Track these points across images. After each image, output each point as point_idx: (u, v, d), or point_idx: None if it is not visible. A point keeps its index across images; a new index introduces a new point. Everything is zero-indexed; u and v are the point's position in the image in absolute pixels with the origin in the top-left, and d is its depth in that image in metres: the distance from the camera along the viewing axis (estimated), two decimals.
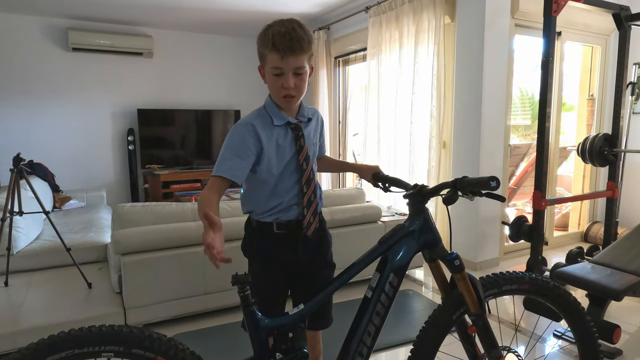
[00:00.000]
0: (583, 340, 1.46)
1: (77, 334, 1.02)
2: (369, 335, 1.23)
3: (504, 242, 3.70)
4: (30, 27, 4.84)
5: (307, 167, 1.37)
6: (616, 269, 2.29)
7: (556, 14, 2.50)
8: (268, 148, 1.31)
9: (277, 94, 1.31)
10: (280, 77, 1.27)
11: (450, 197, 1.20)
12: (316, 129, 1.46)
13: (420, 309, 2.75)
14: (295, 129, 1.36)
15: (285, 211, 1.37)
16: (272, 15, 4.84)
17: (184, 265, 2.52)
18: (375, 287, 1.25)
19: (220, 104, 5.99)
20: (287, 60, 1.24)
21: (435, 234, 1.29)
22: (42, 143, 5.01)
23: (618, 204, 3.13)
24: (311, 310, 1.18)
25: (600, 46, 4.10)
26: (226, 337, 2.41)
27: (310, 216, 1.39)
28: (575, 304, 1.43)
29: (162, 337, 1.10)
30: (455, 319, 1.31)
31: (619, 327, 2.08)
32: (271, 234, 1.38)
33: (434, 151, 3.61)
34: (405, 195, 1.33)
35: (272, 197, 1.37)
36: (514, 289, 1.37)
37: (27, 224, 3.23)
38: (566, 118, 4.57)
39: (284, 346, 1.16)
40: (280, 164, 1.35)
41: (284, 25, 1.26)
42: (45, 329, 2.26)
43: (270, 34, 1.26)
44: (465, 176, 1.20)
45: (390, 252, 1.26)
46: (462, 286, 1.28)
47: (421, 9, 3.61)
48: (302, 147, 1.36)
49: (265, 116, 1.35)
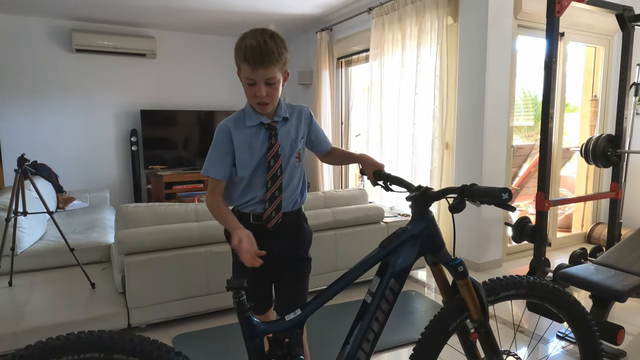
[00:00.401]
0: (584, 341, 1.45)
1: (55, 343, 0.98)
2: (367, 341, 1.20)
3: (507, 243, 3.69)
4: (34, 28, 4.86)
5: (274, 163, 1.43)
6: (620, 270, 2.28)
7: (559, 15, 2.50)
8: (239, 147, 1.42)
9: (251, 101, 1.40)
10: (253, 86, 1.34)
11: (457, 206, 1.15)
12: (298, 126, 1.49)
13: (422, 310, 2.74)
14: (268, 129, 1.43)
15: (259, 204, 1.46)
16: (275, 17, 4.84)
17: (187, 265, 2.53)
18: (375, 292, 1.21)
19: (223, 105, 6.00)
20: (258, 72, 1.31)
21: (438, 238, 1.26)
22: (46, 144, 5.03)
23: (621, 205, 3.12)
24: (308, 315, 1.16)
25: (604, 47, 4.09)
26: (229, 338, 2.41)
27: (272, 211, 1.45)
28: (576, 304, 1.42)
29: (145, 340, 1.07)
30: (457, 325, 1.28)
31: (623, 328, 2.07)
32: (248, 224, 1.44)
33: (436, 152, 3.61)
34: (409, 197, 1.29)
35: (245, 193, 1.46)
36: (512, 295, 1.34)
37: (31, 224, 3.24)
38: (569, 119, 4.56)
39: (280, 352, 1.14)
40: (252, 162, 1.43)
41: (255, 37, 1.30)
42: (49, 329, 2.27)
43: (243, 47, 1.31)
44: (474, 184, 1.15)
45: (391, 256, 1.22)
46: (465, 292, 1.25)
47: (424, 10, 3.61)
48: (273, 146, 1.43)
49: (241, 117, 1.44)
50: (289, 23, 5.18)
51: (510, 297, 1.35)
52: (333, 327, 1.59)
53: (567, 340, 2.31)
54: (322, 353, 2.17)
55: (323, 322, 2.47)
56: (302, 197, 1.54)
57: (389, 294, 1.21)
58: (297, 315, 1.15)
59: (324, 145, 1.60)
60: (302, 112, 1.52)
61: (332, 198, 3.09)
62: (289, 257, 1.53)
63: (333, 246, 2.96)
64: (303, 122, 1.51)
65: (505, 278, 1.35)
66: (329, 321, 2.53)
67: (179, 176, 5.38)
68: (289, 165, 1.47)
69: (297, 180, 1.51)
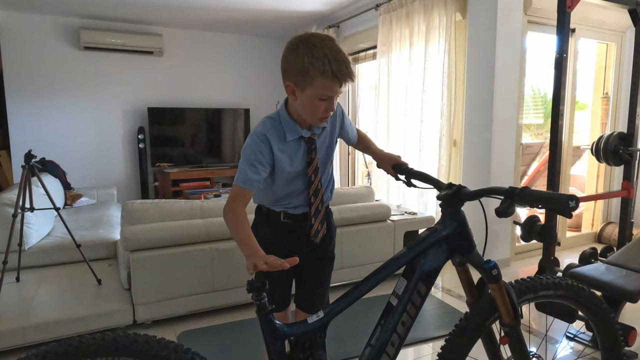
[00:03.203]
0: (609, 347, 1.43)
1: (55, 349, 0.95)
2: (392, 345, 1.14)
3: (515, 242, 3.65)
4: (43, 26, 4.89)
5: (315, 178, 1.39)
6: (632, 270, 2.24)
7: (570, 10, 2.45)
8: (280, 160, 1.32)
9: (315, 116, 1.28)
10: (325, 101, 1.24)
11: (506, 210, 1.04)
12: (332, 130, 1.44)
13: (429, 308, 2.72)
14: (308, 142, 1.36)
15: (293, 208, 1.43)
16: (282, 14, 4.83)
17: (193, 262, 2.52)
18: (401, 295, 1.15)
19: (230, 103, 6.00)
20: (339, 87, 1.22)
21: (470, 239, 1.20)
22: (54, 141, 5.07)
23: (633, 204, 3.06)
24: (331, 319, 1.12)
25: (616, 43, 4.02)
26: (235, 335, 2.40)
27: (318, 224, 1.43)
28: (606, 310, 1.38)
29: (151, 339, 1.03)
30: (486, 328, 1.23)
31: (635, 329, 2.03)
32: (278, 222, 1.43)
33: (444, 150, 3.57)
34: (440, 196, 1.20)
35: (282, 199, 1.42)
36: (550, 295, 1.29)
37: (39, 220, 3.26)
38: (580, 117, 4.49)
39: (302, 355, 1.10)
40: (290, 174, 1.37)
41: (330, 48, 1.19)
42: (55, 324, 2.27)
43: (323, 58, 1.17)
44: (526, 187, 1.05)
45: (419, 258, 1.15)
46: (498, 296, 1.18)
47: (432, 6, 3.57)
48: (313, 160, 1.37)
49: (279, 129, 1.32)
50: (296, 20, 5.16)
51: (547, 298, 1.31)
52: (349, 320, 1.55)
53: (576, 341, 2.27)
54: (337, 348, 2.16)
55: (336, 318, 2.46)
56: (331, 194, 1.51)
57: (416, 298, 1.15)
58: (319, 318, 1.11)
59: (352, 139, 1.56)
60: (335, 113, 1.43)
61: (338, 195, 3.07)
62: (318, 255, 1.50)
63: (339, 244, 2.94)
64: (337, 124, 1.46)
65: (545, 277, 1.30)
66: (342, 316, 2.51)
67: (186, 173, 5.39)
68: (326, 173, 1.44)
69: (330, 183, 1.50)
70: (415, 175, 1.38)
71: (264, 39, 6.12)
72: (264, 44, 6.13)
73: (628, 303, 2.15)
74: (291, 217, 1.42)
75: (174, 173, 5.30)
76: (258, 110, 6.15)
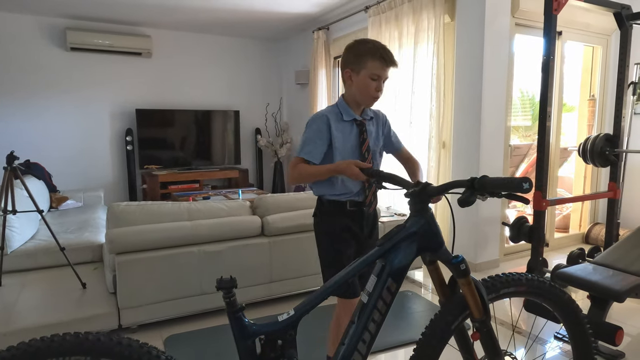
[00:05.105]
0: (577, 340, 1.43)
1: (39, 345, 0.94)
2: (363, 342, 1.15)
3: (504, 243, 3.66)
4: (28, 26, 4.82)
5: (368, 155, 1.68)
6: (618, 269, 2.25)
7: (557, 12, 2.48)
8: (336, 136, 1.63)
9: (368, 95, 1.62)
10: (375, 81, 1.60)
11: (467, 199, 1.09)
12: (378, 126, 1.77)
13: (419, 310, 2.71)
14: (359, 125, 1.68)
15: (356, 195, 1.70)
16: (272, 15, 4.82)
17: (180, 265, 2.49)
18: (371, 291, 1.17)
19: (220, 105, 5.96)
20: (386, 70, 1.60)
21: (438, 236, 1.22)
22: (39, 143, 4.99)
23: (619, 204, 3.10)
24: (302, 316, 1.12)
25: (601, 46, 4.07)
26: (223, 339, 2.37)
27: (372, 196, 1.70)
28: (570, 302, 1.39)
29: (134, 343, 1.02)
30: (458, 324, 1.24)
31: (621, 328, 2.04)
32: (344, 210, 1.68)
33: (433, 151, 3.58)
34: (407, 193, 1.23)
35: (342, 186, 1.66)
36: (512, 292, 1.32)
37: (22, 223, 3.19)
38: (567, 119, 4.54)
39: (273, 354, 1.10)
40: (345, 151, 1.65)
41: (377, 42, 1.61)
42: (38, 329, 2.22)
43: (373, 46, 1.58)
44: (484, 175, 1.10)
45: (388, 255, 1.18)
46: (467, 291, 1.20)
47: (421, 9, 3.58)
48: (365, 140, 1.67)
49: (337, 112, 1.66)
50: (285, 22, 5.15)
51: (510, 295, 1.33)
52: (324, 326, 1.57)
53: (564, 341, 2.28)
54: (312, 353, 2.14)
55: (314, 322, 2.44)
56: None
57: (386, 294, 1.17)
58: (290, 315, 1.11)
59: (397, 145, 1.87)
60: (381, 115, 1.81)
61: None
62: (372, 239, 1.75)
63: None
64: (381, 124, 1.79)
65: (504, 275, 1.33)
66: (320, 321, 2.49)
67: (175, 176, 5.34)
68: (376, 158, 1.73)
69: None
70: (384, 177, 1.42)
71: (254, 41, 6.10)
72: (254, 45, 6.11)
73: (615, 303, 2.16)
74: (355, 204, 1.68)
75: (163, 175, 5.25)
76: (248, 112, 6.12)
